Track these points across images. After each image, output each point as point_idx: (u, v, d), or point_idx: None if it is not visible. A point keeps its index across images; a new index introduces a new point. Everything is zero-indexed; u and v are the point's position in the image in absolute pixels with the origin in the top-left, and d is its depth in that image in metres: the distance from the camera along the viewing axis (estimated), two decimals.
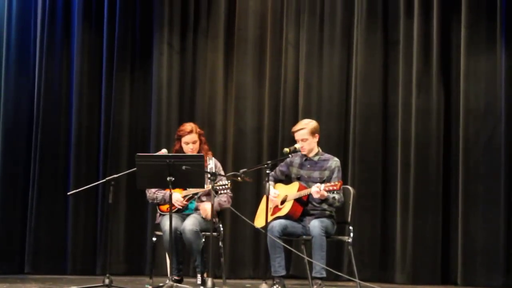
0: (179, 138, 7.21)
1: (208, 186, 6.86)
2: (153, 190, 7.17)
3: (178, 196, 7.05)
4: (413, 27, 8.42)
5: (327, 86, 8.73)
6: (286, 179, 7.22)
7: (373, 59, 8.60)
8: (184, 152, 7.14)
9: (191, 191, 7.10)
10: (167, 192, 6.99)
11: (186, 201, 7.12)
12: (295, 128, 7.08)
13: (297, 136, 7.01)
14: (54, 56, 9.08)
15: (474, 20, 8.21)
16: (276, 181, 7.17)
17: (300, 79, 8.81)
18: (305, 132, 6.98)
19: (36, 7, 9.15)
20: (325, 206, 6.94)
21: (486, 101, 8.17)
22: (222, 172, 7.20)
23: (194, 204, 7.15)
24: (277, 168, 7.19)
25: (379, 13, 8.61)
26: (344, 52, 8.73)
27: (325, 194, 6.73)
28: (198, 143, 7.19)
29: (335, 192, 6.77)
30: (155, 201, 7.19)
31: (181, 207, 7.09)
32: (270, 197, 6.85)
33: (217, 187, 6.81)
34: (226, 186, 6.84)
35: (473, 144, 8.18)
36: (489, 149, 8.12)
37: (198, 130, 7.24)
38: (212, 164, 7.14)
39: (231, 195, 7.11)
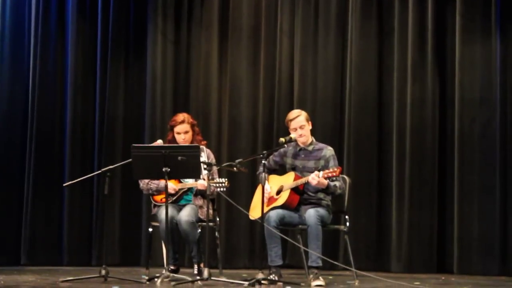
0: (172, 128, 7.22)
1: (204, 183, 6.83)
2: (146, 180, 7.16)
3: (170, 185, 7.01)
4: (408, 15, 8.41)
5: (322, 75, 8.73)
6: (280, 169, 7.21)
7: (367, 48, 8.59)
8: (176, 142, 7.13)
9: (186, 185, 7.10)
10: (161, 182, 6.99)
11: (180, 195, 7.12)
12: (291, 116, 6.98)
13: (295, 124, 6.95)
14: (48, 48, 9.05)
15: (469, 8, 8.20)
16: (269, 171, 7.13)
17: (294, 69, 8.79)
18: (302, 119, 6.95)
19: None
20: (321, 195, 6.93)
21: (481, 90, 8.18)
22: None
23: (191, 196, 7.15)
24: (271, 158, 7.16)
25: (373, 2, 8.60)
26: (338, 41, 8.72)
27: (325, 182, 6.70)
28: (190, 134, 7.19)
29: (335, 179, 6.76)
30: (150, 192, 7.18)
31: (173, 192, 7.07)
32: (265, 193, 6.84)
33: (213, 185, 6.77)
34: (224, 185, 6.81)
35: (469, 133, 8.19)
36: (484, 138, 8.13)
37: (191, 120, 7.23)
38: (204, 156, 7.13)
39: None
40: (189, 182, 7.11)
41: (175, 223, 6.90)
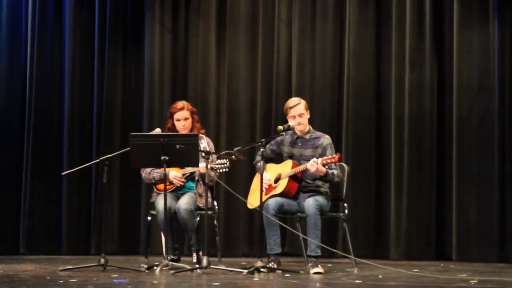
0: (171, 116, 7.21)
1: (206, 165, 6.82)
2: (148, 170, 7.14)
3: (176, 174, 7.02)
4: (405, 2, 8.40)
5: (320, 63, 8.72)
6: (277, 158, 7.20)
7: (365, 35, 8.58)
8: (176, 130, 7.13)
9: (189, 169, 7.08)
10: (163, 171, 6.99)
11: (184, 179, 7.10)
12: (290, 103, 6.92)
13: (294, 111, 6.92)
14: (46, 36, 9.03)
15: None
16: (266, 160, 7.10)
17: (292, 57, 8.78)
18: (302, 107, 6.93)
19: None
20: (319, 182, 6.92)
21: (480, 76, 8.18)
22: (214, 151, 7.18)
23: (192, 183, 7.13)
24: (267, 147, 7.13)
25: None
26: (336, 29, 8.71)
27: (323, 169, 6.69)
28: (190, 121, 7.18)
29: (333, 167, 6.75)
30: (153, 181, 7.16)
31: (180, 185, 7.06)
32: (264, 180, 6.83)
33: (215, 166, 6.77)
34: (226, 165, 6.80)
35: (467, 119, 8.19)
36: (482, 124, 8.13)
37: (190, 107, 7.22)
38: (204, 143, 7.12)
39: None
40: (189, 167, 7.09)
41: (172, 213, 6.89)
